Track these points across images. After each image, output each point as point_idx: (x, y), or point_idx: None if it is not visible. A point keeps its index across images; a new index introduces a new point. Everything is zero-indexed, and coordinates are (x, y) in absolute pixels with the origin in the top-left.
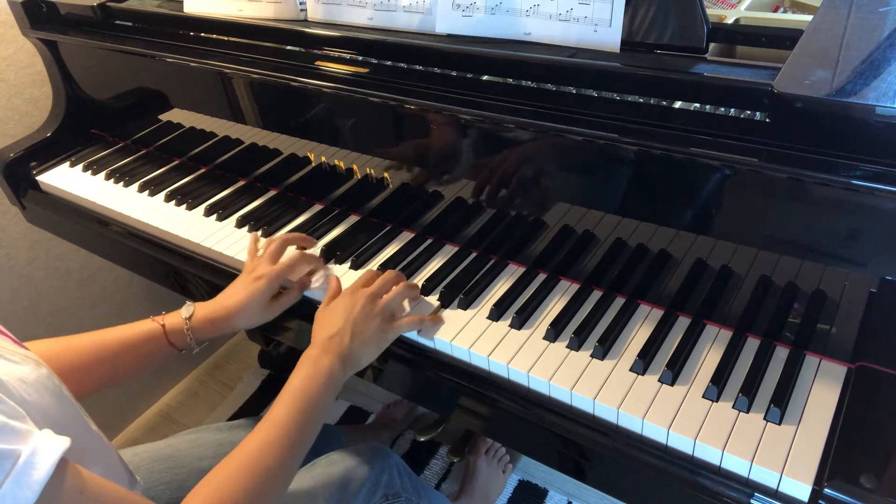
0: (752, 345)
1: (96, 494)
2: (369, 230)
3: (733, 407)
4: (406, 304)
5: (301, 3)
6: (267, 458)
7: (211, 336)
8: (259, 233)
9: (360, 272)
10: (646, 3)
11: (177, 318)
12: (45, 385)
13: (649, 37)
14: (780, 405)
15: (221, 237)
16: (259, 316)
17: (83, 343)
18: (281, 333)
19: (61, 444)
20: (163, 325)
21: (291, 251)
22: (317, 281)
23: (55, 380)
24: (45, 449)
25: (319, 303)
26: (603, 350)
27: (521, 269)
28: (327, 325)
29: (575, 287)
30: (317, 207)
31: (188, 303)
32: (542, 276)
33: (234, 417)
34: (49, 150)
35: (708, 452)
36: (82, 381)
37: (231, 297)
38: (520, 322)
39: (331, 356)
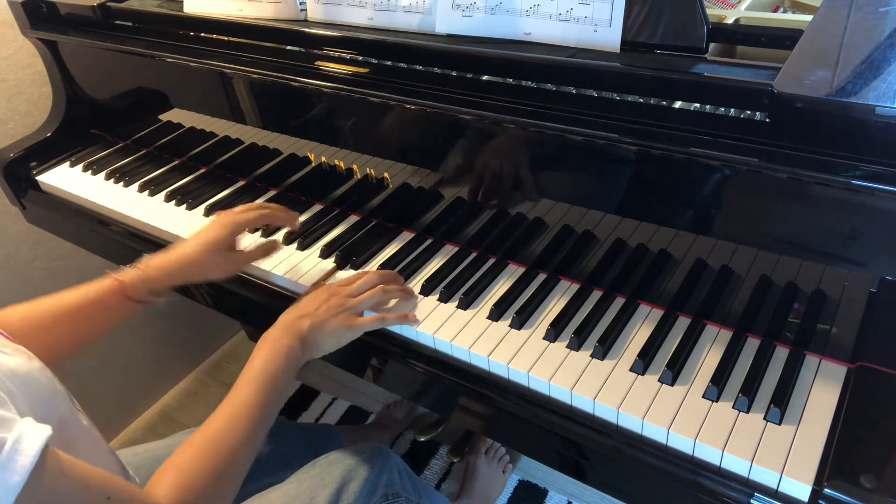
0: (752, 345)
1: (79, 477)
2: (369, 230)
3: (733, 407)
4: (393, 302)
5: (301, 3)
6: (230, 437)
7: (167, 285)
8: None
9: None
10: (646, 3)
11: (132, 271)
12: (35, 378)
13: (649, 37)
14: (780, 405)
15: None
16: (217, 266)
17: (41, 307)
18: None
19: (44, 430)
20: (118, 280)
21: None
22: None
23: (47, 373)
24: (29, 435)
25: None
26: (603, 350)
27: (521, 269)
28: (295, 308)
29: (575, 287)
30: (317, 207)
31: (143, 254)
32: (542, 276)
33: None
34: (49, 150)
35: (708, 452)
36: (45, 344)
37: (187, 244)
38: (520, 322)
39: (290, 337)
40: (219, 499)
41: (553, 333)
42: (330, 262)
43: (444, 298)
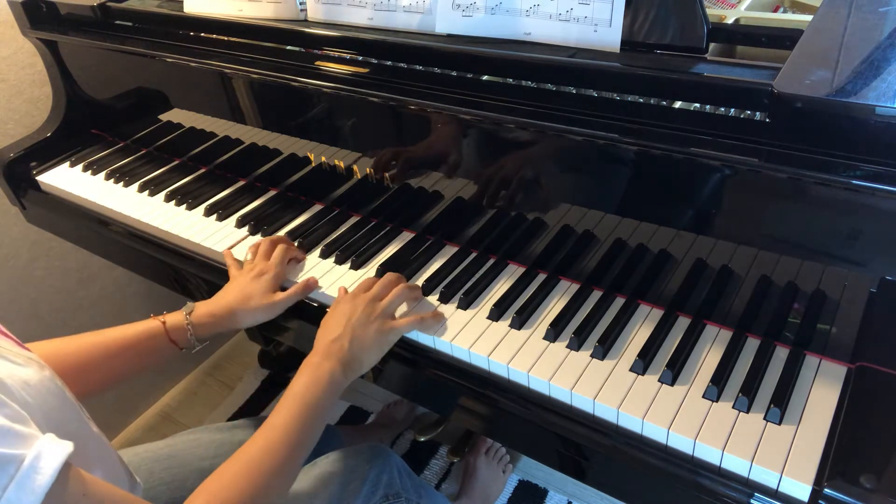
0: (752, 345)
1: (99, 498)
2: (369, 230)
3: (733, 407)
4: (406, 305)
5: (301, 3)
6: (268, 462)
7: (212, 333)
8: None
9: (361, 272)
10: (646, 3)
11: (178, 316)
12: (47, 387)
13: (649, 37)
14: (780, 405)
15: (221, 237)
16: (261, 313)
17: (84, 343)
18: (281, 333)
19: (65, 448)
20: (163, 323)
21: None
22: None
23: (58, 382)
24: (48, 453)
25: (318, 303)
26: (603, 350)
27: (521, 269)
28: (328, 330)
29: (575, 287)
30: (317, 207)
31: (189, 302)
32: (542, 276)
33: (234, 417)
34: (49, 150)
35: (708, 452)
36: (83, 381)
37: (232, 293)
38: (520, 322)
39: (332, 362)
40: None
41: (553, 333)
42: (330, 263)
43: (444, 298)
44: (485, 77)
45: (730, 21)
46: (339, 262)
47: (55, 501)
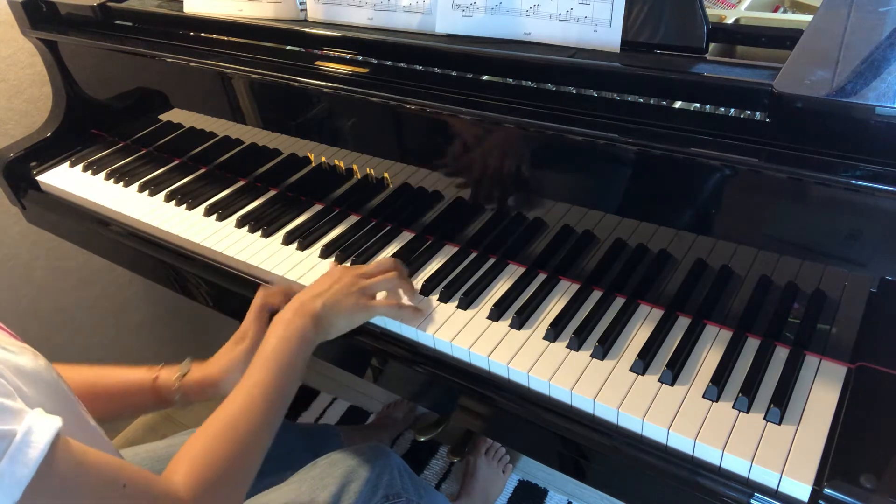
0: (752, 345)
1: (95, 465)
2: (369, 230)
3: (733, 407)
4: (401, 293)
5: (301, 3)
6: (245, 421)
7: (200, 399)
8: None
9: None
10: (646, 3)
11: (170, 375)
12: (42, 376)
13: (649, 37)
14: (780, 405)
15: (221, 237)
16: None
17: (79, 376)
18: None
19: (55, 421)
20: (155, 379)
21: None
22: None
23: (53, 372)
24: (40, 427)
25: None
26: (603, 350)
27: (521, 269)
28: (310, 289)
29: (575, 287)
30: (317, 207)
31: (186, 361)
32: (542, 276)
33: None
34: (49, 150)
35: (708, 452)
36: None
37: (219, 360)
38: (520, 322)
39: (303, 318)
40: (236, 485)
41: (553, 333)
42: (330, 262)
43: (444, 298)
44: (485, 77)
45: (730, 21)
46: (339, 262)
47: (49, 473)
